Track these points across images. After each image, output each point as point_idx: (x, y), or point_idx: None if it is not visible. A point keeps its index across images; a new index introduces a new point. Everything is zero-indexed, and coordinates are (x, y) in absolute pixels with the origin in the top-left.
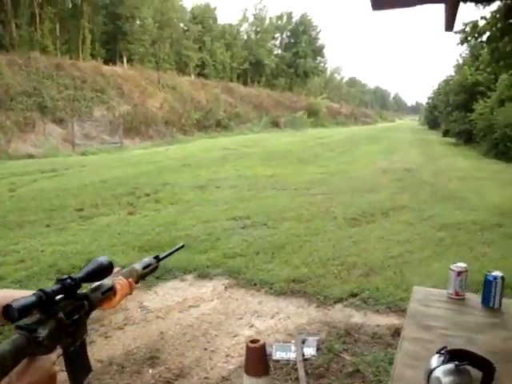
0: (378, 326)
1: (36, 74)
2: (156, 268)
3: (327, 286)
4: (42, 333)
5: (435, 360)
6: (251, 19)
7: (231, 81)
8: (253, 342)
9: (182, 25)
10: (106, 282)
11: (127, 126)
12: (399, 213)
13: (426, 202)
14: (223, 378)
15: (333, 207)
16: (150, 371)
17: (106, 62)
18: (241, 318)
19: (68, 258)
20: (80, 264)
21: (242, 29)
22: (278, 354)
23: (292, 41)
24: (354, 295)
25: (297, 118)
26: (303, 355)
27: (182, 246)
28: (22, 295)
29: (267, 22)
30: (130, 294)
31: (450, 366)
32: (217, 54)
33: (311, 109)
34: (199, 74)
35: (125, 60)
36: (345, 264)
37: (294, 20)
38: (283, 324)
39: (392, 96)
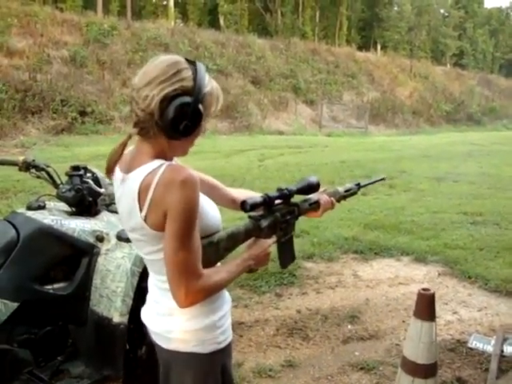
0: None
1: (294, 57)
2: (355, 193)
3: None
4: (264, 223)
5: None
6: None
7: (492, 72)
8: (424, 289)
9: (442, 10)
10: (314, 196)
11: (374, 112)
12: None
13: None
14: None
15: None
16: (349, 326)
17: (359, 48)
18: (446, 304)
19: (298, 223)
20: (308, 230)
21: None
22: (474, 343)
23: None
24: None
25: None
26: (502, 351)
27: (384, 179)
28: (255, 195)
29: None
30: (332, 209)
31: None
32: (478, 42)
33: None
34: (456, 64)
35: (378, 47)
36: None
37: None
38: (489, 319)
39: None
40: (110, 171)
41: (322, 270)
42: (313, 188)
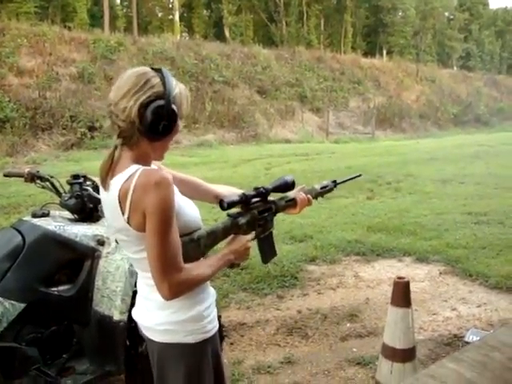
0: None
1: (299, 66)
2: (331, 190)
3: None
4: (242, 220)
5: None
6: None
7: (499, 73)
8: (400, 278)
9: (446, 13)
10: (291, 194)
11: (380, 118)
12: None
13: None
14: None
15: None
16: (348, 324)
17: (365, 55)
18: (445, 301)
19: (303, 228)
20: (312, 234)
21: None
22: (471, 338)
23: None
24: None
25: None
26: None
27: (360, 175)
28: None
29: None
30: (309, 205)
31: None
32: (484, 44)
33: None
34: (462, 66)
35: (384, 52)
36: None
37: None
38: (488, 315)
39: None
40: (104, 182)
41: (324, 271)
42: (288, 186)
